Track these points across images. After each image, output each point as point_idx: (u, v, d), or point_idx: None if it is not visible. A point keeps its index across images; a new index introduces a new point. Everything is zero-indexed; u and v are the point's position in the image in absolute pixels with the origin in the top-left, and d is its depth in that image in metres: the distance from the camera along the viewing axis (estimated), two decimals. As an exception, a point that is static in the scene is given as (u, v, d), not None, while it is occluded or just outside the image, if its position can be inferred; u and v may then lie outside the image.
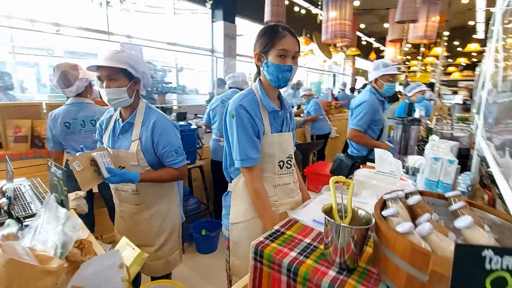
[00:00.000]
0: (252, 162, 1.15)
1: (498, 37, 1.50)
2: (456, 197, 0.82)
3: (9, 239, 0.82)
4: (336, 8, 3.32)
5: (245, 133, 1.14)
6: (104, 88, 1.29)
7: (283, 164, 1.25)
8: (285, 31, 1.11)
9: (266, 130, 1.19)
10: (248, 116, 1.14)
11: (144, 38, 6.16)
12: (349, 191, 0.82)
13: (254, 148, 1.15)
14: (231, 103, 1.19)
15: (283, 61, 1.10)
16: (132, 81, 1.33)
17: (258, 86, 1.20)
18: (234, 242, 1.30)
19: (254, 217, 1.23)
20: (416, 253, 0.59)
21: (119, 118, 1.43)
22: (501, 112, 1.07)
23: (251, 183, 1.18)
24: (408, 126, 1.72)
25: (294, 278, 0.75)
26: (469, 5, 6.76)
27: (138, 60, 1.35)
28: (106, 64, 1.25)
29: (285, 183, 1.28)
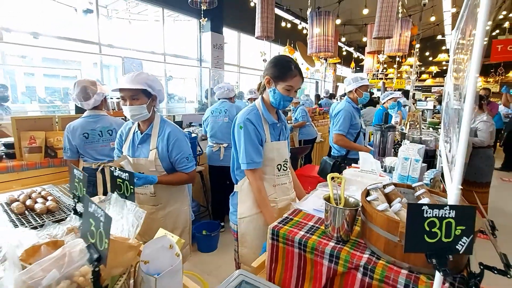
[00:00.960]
0: (256, 165, 1.41)
1: (453, 51, 1.84)
2: (419, 187, 1.11)
3: (73, 232, 1.02)
4: (320, 25, 3.68)
5: (251, 142, 1.39)
6: (128, 106, 1.50)
7: (280, 167, 1.51)
8: (296, 71, 1.39)
9: (267, 139, 1.45)
10: (253, 128, 1.40)
11: (134, 49, 6.29)
12: (342, 184, 1.09)
13: (257, 153, 1.41)
14: (239, 117, 1.45)
15: (288, 93, 1.39)
16: (150, 98, 1.55)
17: (261, 103, 1.48)
18: (242, 234, 1.53)
19: (258, 212, 1.48)
20: (391, 222, 0.86)
21: (138, 130, 1.64)
22: (451, 118, 1.38)
23: (255, 182, 1.43)
24: (385, 132, 2.03)
25: (304, 249, 1.01)
26: (437, 20, 7.46)
27: (155, 80, 1.56)
28: (129, 86, 1.46)
29: (282, 183, 1.54)
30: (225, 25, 7.76)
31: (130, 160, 1.58)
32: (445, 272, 0.61)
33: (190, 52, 7.54)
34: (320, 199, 1.39)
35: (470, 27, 0.95)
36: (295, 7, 8.48)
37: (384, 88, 11.34)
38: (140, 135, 1.60)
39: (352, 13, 8.48)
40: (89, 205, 0.65)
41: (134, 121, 1.60)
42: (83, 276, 0.67)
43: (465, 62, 0.96)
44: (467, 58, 0.95)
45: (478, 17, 0.62)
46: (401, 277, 0.82)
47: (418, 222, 0.61)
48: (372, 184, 1.12)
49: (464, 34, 1.27)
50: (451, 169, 0.95)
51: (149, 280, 0.78)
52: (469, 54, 0.82)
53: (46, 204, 1.26)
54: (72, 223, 1.06)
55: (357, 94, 2.58)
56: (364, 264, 0.88)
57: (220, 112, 3.06)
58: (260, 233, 1.48)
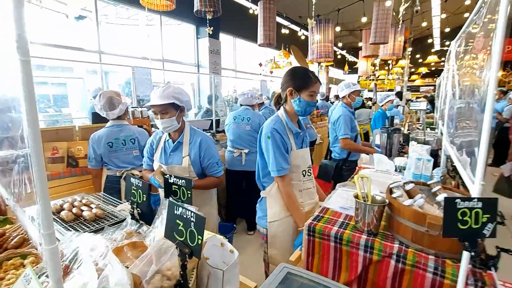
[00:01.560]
0: (285, 171, 1.51)
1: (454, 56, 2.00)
2: (434, 184, 1.26)
3: (132, 235, 1.13)
4: (320, 32, 3.85)
5: (278, 150, 1.50)
6: (160, 119, 1.61)
7: (305, 173, 1.62)
8: (315, 77, 1.53)
9: (292, 147, 1.56)
10: (280, 137, 1.51)
11: (130, 56, 6.34)
12: (368, 183, 1.22)
13: (285, 161, 1.51)
14: (265, 127, 1.55)
15: (311, 99, 1.52)
16: (178, 110, 1.65)
17: (284, 114, 1.58)
18: (272, 236, 1.62)
19: (287, 216, 1.58)
20: (418, 215, 1.00)
21: (169, 138, 1.74)
22: (458, 117, 1.53)
23: (284, 188, 1.53)
24: (391, 134, 2.19)
25: (340, 242, 1.13)
26: (428, 25, 7.80)
27: (181, 91, 1.66)
28: (158, 102, 1.57)
29: (308, 187, 1.64)
30: (221, 31, 7.88)
31: (165, 168, 1.68)
32: (476, 252, 0.75)
33: (187, 58, 7.63)
34: (342, 198, 1.53)
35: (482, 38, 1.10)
36: (295, 14, 8.72)
37: (376, 89, 11.65)
38: (172, 144, 1.70)
39: (344, 17, 8.74)
40: (176, 208, 0.76)
41: (166, 132, 1.70)
42: (169, 270, 0.79)
43: (479, 64, 1.10)
44: (479, 61, 1.11)
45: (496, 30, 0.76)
46: (430, 261, 0.96)
47: (453, 212, 0.74)
48: (394, 183, 1.26)
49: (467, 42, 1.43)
50: (465, 168, 1.10)
51: (217, 272, 0.90)
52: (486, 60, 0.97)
53: (93, 211, 1.35)
54: (128, 227, 1.16)
55: (350, 99, 2.77)
56: (396, 252, 1.02)
57: (242, 119, 3.13)
58: (289, 236, 1.58)
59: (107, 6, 7.32)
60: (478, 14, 1.21)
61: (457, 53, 1.93)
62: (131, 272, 0.69)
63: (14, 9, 0.43)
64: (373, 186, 1.58)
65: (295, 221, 1.56)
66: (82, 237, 0.99)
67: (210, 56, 7.40)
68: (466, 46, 1.57)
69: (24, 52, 0.43)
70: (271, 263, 1.67)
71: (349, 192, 1.55)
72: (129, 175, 1.21)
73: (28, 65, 0.43)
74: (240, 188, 3.13)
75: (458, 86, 1.73)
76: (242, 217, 3.47)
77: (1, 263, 1.05)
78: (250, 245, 3.10)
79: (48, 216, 0.49)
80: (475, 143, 0.92)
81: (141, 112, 2.64)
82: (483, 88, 0.91)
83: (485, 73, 0.92)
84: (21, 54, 0.42)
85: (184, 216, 0.74)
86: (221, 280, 0.91)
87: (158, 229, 1.08)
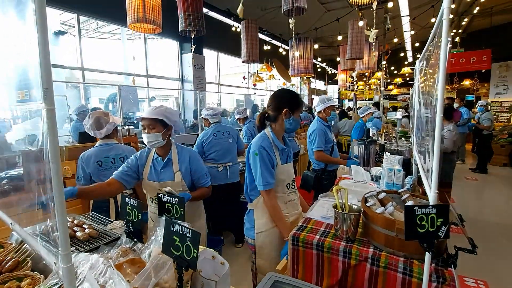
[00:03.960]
0: (270, 186, 1.62)
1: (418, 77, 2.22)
2: (404, 192, 1.40)
3: (128, 253, 1.18)
4: (300, 49, 4.07)
5: (265, 166, 1.61)
6: (146, 134, 1.69)
7: (289, 185, 1.75)
8: (302, 101, 1.73)
9: (278, 162, 1.68)
10: (266, 153, 1.63)
11: (114, 72, 6.35)
12: (345, 194, 1.35)
13: (271, 176, 1.63)
14: (253, 145, 1.67)
15: (298, 117, 1.71)
16: (166, 128, 1.74)
17: (271, 132, 1.71)
18: (260, 246, 1.70)
19: (273, 226, 1.68)
20: (388, 221, 1.13)
21: (158, 156, 1.81)
22: (423, 127, 1.70)
23: (270, 201, 1.64)
24: (368, 145, 2.36)
25: (321, 250, 1.24)
26: (399, 41, 8.35)
27: (172, 112, 1.75)
28: (147, 116, 1.68)
29: (291, 199, 1.76)
30: (205, 46, 8.05)
31: (156, 184, 1.74)
32: (433, 252, 0.88)
33: (171, 72, 7.71)
34: (324, 208, 1.65)
35: (435, 52, 1.28)
36: (276, 31, 9.08)
37: (355, 99, 12.13)
38: (161, 161, 1.78)
39: (322, 32, 9.20)
40: (173, 225, 0.84)
41: (151, 147, 1.78)
42: (167, 283, 0.86)
43: (430, 75, 1.26)
44: (432, 72, 1.27)
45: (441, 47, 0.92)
46: (400, 263, 1.09)
47: (412, 218, 0.87)
48: (368, 192, 1.40)
49: (429, 60, 1.62)
50: (427, 177, 1.25)
51: (210, 283, 0.98)
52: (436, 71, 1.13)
53: (86, 231, 1.40)
54: (124, 245, 1.22)
55: (325, 113, 2.97)
56: (371, 256, 1.14)
57: (223, 133, 3.23)
58: (276, 246, 1.68)
59: (87, 20, 7.33)
60: (433, 38, 1.39)
61: (421, 70, 2.14)
62: (134, 286, 0.76)
63: (43, 62, 0.52)
64: (351, 196, 1.72)
65: (280, 231, 1.66)
66: (79, 257, 1.05)
67: (195, 71, 7.51)
68: (426, 65, 1.77)
69: (50, 102, 0.52)
70: (259, 272, 1.75)
71: (330, 202, 1.67)
72: (124, 195, 1.27)
73: (53, 113, 0.52)
74: (227, 201, 3.20)
75: (421, 96, 1.93)
76: (229, 230, 3.52)
77: (-3, 287, 1.08)
78: (238, 257, 3.15)
79: (66, 239, 0.56)
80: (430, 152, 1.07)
81: (128, 130, 2.68)
82: (434, 98, 1.07)
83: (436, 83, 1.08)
84: (48, 104, 0.51)
85: (180, 232, 0.82)
86: (214, 290, 0.99)
87: (153, 246, 1.14)
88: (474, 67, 9.22)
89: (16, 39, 0.62)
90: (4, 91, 0.73)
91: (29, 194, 0.82)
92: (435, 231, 0.88)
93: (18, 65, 0.61)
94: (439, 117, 0.94)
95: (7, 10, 0.62)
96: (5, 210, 1.03)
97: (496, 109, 10.42)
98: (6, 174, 1.41)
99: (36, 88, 0.55)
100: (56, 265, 0.60)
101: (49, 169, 0.56)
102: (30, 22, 0.54)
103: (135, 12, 2.46)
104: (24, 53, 0.59)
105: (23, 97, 0.57)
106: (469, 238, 1.04)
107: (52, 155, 0.54)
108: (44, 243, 0.68)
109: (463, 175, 6.34)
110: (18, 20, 0.57)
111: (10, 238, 1.50)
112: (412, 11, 7.32)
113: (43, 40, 0.51)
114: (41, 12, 0.50)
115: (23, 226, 0.90)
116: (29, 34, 0.55)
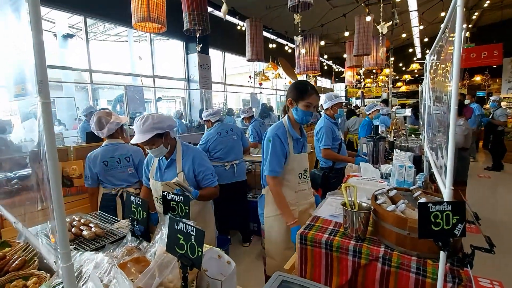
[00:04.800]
0: (276, 173, 1.66)
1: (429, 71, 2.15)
2: (416, 189, 1.35)
3: (133, 251, 1.17)
4: (306, 46, 4.02)
5: (275, 154, 1.66)
6: (149, 150, 1.69)
7: (301, 175, 1.76)
8: (312, 90, 1.67)
9: (290, 151, 1.71)
10: (280, 142, 1.66)
11: (121, 73, 6.41)
12: (354, 191, 1.31)
13: (279, 164, 1.67)
14: (270, 131, 1.71)
15: (308, 109, 1.66)
16: (163, 137, 1.67)
17: (287, 121, 1.74)
18: (268, 230, 1.76)
19: (280, 212, 1.69)
20: (400, 220, 1.08)
21: (163, 156, 1.80)
22: (434, 124, 1.65)
23: (274, 187, 1.67)
24: (377, 142, 2.30)
25: (330, 249, 1.20)
26: (407, 36, 8.19)
27: (161, 119, 1.65)
28: (141, 140, 1.59)
29: (303, 189, 1.78)
30: (210, 46, 8.06)
31: (159, 184, 1.73)
32: (448, 251, 0.83)
33: (177, 73, 7.74)
34: (332, 206, 1.61)
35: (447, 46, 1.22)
36: (281, 29, 9.03)
37: (363, 97, 11.98)
38: (165, 161, 1.76)
39: (328, 29, 9.10)
40: (177, 223, 0.82)
41: (158, 157, 1.79)
42: (171, 282, 0.84)
43: (442, 71, 1.21)
44: (444, 67, 1.22)
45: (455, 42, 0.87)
46: (412, 262, 1.04)
47: (426, 216, 0.83)
48: (378, 190, 1.35)
49: (440, 54, 1.57)
50: (441, 173, 1.20)
51: (216, 283, 0.95)
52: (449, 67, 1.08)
53: (93, 230, 1.39)
54: (129, 244, 1.21)
55: (332, 111, 2.92)
56: (382, 255, 1.10)
57: (227, 131, 3.22)
58: (283, 231, 1.71)
59: (95, 23, 7.42)
60: (445, 31, 1.34)
61: (431, 65, 2.08)
62: (137, 285, 0.75)
63: (37, 56, 0.51)
64: (360, 194, 1.67)
65: (282, 217, 1.67)
66: (84, 256, 1.04)
67: (200, 71, 7.52)
68: (437, 59, 1.71)
69: (45, 95, 0.50)
70: (268, 256, 1.78)
71: (338, 201, 1.63)
72: (129, 194, 1.26)
73: (49, 106, 0.50)
74: (234, 199, 3.18)
75: (432, 93, 1.87)
76: (236, 229, 3.50)
77: (4, 286, 1.08)
78: (246, 256, 3.12)
79: (65, 237, 0.55)
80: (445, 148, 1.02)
81: (134, 130, 2.68)
82: (448, 94, 1.03)
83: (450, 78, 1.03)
84: (43, 97, 0.50)
85: (185, 230, 0.80)
86: (220, 290, 0.96)
87: (158, 245, 1.13)
88: (485, 62, 8.99)
89: (12, 35, 0.60)
90: (5, 89, 0.72)
91: (31, 194, 0.81)
92: (451, 229, 0.84)
93: (15, 60, 0.60)
94: (453, 110, 0.89)
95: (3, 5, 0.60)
96: (11, 210, 1.02)
97: (509, 105, 10.14)
98: (15, 175, 1.42)
99: (31, 82, 0.53)
100: (56, 264, 0.59)
101: (46, 166, 0.54)
102: (24, 15, 0.52)
103: (140, 12, 2.46)
104: (20, 47, 0.58)
105: (19, 92, 0.56)
106: (486, 236, 0.99)
107: (49, 150, 0.52)
108: (45, 242, 0.67)
109: (476, 173, 6.18)
110: (12, 13, 0.56)
111: (18, 237, 1.51)
112: (421, 6, 7.17)
113: (36, 33, 0.50)
114: (34, 2, 0.48)
115: (28, 226, 0.89)
116: (24, 29, 0.53)
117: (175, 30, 4.74)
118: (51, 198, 0.55)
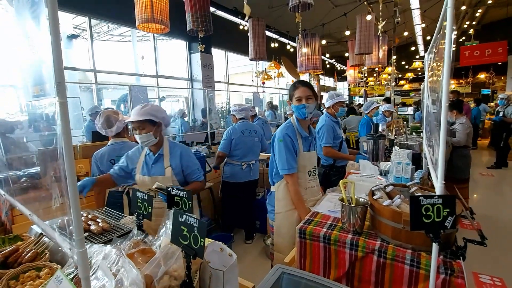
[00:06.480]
0: (293, 170, 1.72)
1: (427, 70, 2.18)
2: (412, 185, 1.39)
3: (139, 244, 1.23)
4: (307, 45, 4.06)
5: (289, 152, 1.71)
6: (138, 135, 1.74)
7: (310, 173, 1.81)
8: (299, 84, 1.74)
9: (300, 149, 1.76)
10: (290, 140, 1.73)
11: (125, 73, 6.49)
12: (352, 187, 1.35)
13: (294, 160, 1.72)
14: (279, 132, 1.78)
15: (299, 103, 1.71)
16: (155, 126, 1.75)
17: (295, 120, 1.80)
18: (278, 226, 1.81)
19: (291, 208, 1.76)
20: (395, 214, 1.12)
21: (149, 152, 1.86)
22: (432, 123, 1.68)
23: (293, 185, 1.72)
24: (377, 140, 2.34)
25: (328, 242, 1.25)
26: (410, 34, 8.16)
27: (158, 109, 1.77)
28: (135, 119, 1.68)
29: (312, 186, 1.83)
30: (213, 45, 8.11)
31: (148, 179, 1.79)
32: (439, 242, 0.87)
33: (180, 72, 7.81)
34: (331, 202, 1.66)
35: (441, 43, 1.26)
36: (283, 28, 9.06)
37: (366, 95, 11.96)
38: (153, 156, 1.82)
39: (330, 28, 9.11)
40: (181, 216, 0.87)
41: (145, 146, 1.84)
42: (176, 271, 0.89)
43: (437, 70, 1.25)
44: (439, 65, 1.26)
45: (446, 32, 0.91)
46: (407, 255, 1.08)
47: (417, 208, 0.87)
48: (375, 186, 1.39)
49: (436, 52, 1.60)
50: (435, 169, 1.24)
51: (218, 273, 1.00)
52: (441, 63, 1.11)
53: (100, 225, 1.45)
54: (135, 237, 1.26)
55: (334, 109, 2.95)
56: (378, 248, 1.14)
57: (250, 132, 3.27)
58: (293, 227, 1.74)
59: (98, 24, 7.51)
60: (440, 30, 1.37)
61: (429, 64, 2.11)
62: (144, 273, 0.80)
63: (55, 59, 0.56)
64: (359, 190, 1.72)
65: (299, 214, 1.72)
66: (93, 248, 1.09)
67: (203, 70, 7.58)
68: (435, 57, 1.74)
69: (62, 95, 0.55)
70: (276, 251, 1.83)
71: (337, 197, 1.67)
72: (134, 190, 1.32)
73: (66, 106, 0.56)
74: (245, 197, 3.23)
75: (430, 92, 1.90)
76: (240, 227, 3.55)
77: (18, 276, 1.14)
78: (248, 253, 3.18)
79: (80, 225, 0.60)
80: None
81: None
82: (439, 91, 1.06)
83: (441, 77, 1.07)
84: (60, 98, 0.55)
85: (188, 222, 0.85)
86: (221, 281, 1.01)
87: (163, 238, 1.18)
88: (489, 59, 8.92)
89: (31, 38, 0.66)
90: (22, 90, 0.78)
91: (46, 190, 0.86)
92: (442, 221, 0.88)
93: (33, 62, 0.65)
94: (444, 108, 0.93)
95: (22, 11, 0.66)
96: (26, 206, 1.08)
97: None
98: (24, 172, 1.48)
99: (49, 83, 0.58)
100: (71, 250, 0.64)
101: (63, 163, 0.59)
102: (43, 21, 0.57)
103: (144, 13, 2.51)
104: (39, 51, 0.63)
105: (38, 92, 0.61)
106: (479, 230, 1.03)
107: (66, 146, 0.57)
108: (60, 233, 0.72)
109: (477, 171, 6.17)
110: (32, 19, 0.61)
111: (29, 232, 1.58)
112: (423, 3, 7.15)
113: (55, 38, 0.55)
114: (53, 7, 0.53)
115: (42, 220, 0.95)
116: (43, 33, 0.58)
117: (178, 30, 4.80)
118: (67, 191, 0.60)
